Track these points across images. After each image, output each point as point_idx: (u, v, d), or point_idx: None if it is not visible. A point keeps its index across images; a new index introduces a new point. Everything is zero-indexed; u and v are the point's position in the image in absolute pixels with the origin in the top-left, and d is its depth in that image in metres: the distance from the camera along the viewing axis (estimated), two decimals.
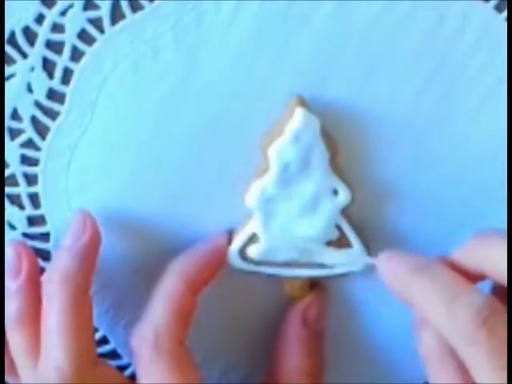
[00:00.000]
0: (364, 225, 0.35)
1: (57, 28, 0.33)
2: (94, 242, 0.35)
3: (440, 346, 0.31)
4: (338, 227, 0.34)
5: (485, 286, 0.31)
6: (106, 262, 0.36)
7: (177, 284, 0.34)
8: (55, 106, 0.34)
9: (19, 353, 0.35)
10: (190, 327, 0.34)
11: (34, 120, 0.34)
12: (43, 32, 0.33)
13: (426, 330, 0.31)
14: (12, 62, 0.33)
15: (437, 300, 0.30)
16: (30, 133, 0.35)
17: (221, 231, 0.35)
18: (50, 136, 0.35)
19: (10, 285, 0.35)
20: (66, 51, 0.33)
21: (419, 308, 0.31)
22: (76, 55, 0.33)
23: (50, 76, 0.34)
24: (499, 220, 0.35)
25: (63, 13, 0.33)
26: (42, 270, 0.36)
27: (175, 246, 0.35)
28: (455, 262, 0.32)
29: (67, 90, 0.34)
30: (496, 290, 0.32)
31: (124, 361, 0.39)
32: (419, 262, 0.31)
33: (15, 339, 0.35)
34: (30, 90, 0.34)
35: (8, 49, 0.33)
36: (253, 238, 0.34)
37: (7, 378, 0.36)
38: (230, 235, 0.35)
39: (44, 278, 0.34)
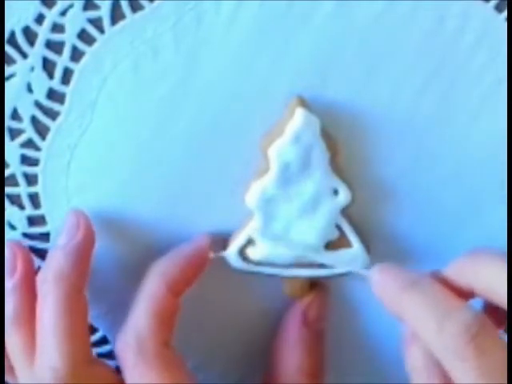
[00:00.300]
0: (364, 225, 0.35)
1: (57, 28, 0.33)
2: (88, 241, 0.34)
3: (427, 362, 0.31)
4: (338, 227, 0.34)
5: (477, 304, 0.31)
6: (106, 263, 0.36)
7: (158, 285, 0.33)
8: (55, 106, 0.34)
9: (16, 353, 0.35)
10: (191, 328, 0.34)
11: (34, 120, 0.34)
12: (43, 32, 0.33)
13: (415, 344, 0.31)
14: (12, 61, 0.33)
15: (427, 316, 0.29)
16: (30, 133, 0.35)
17: (202, 233, 0.35)
18: (50, 136, 0.35)
19: (6, 284, 0.35)
20: (66, 51, 0.33)
21: (409, 323, 0.31)
22: (76, 55, 0.33)
23: (50, 76, 0.34)
24: (499, 220, 0.35)
25: (63, 13, 0.33)
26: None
27: (175, 247, 0.35)
28: (446, 279, 0.32)
29: (67, 90, 0.34)
30: (487, 308, 0.32)
31: None
32: (411, 276, 0.31)
33: (12, 339, 0.35)
34: (30, 89, 0.34)
35: (8, 49, 0.33)
36: (253, 238, 0.34)
37: (7, 378, 0.36)
38: (226, 238, 0.35)
39: (39, 277, 0.34)
